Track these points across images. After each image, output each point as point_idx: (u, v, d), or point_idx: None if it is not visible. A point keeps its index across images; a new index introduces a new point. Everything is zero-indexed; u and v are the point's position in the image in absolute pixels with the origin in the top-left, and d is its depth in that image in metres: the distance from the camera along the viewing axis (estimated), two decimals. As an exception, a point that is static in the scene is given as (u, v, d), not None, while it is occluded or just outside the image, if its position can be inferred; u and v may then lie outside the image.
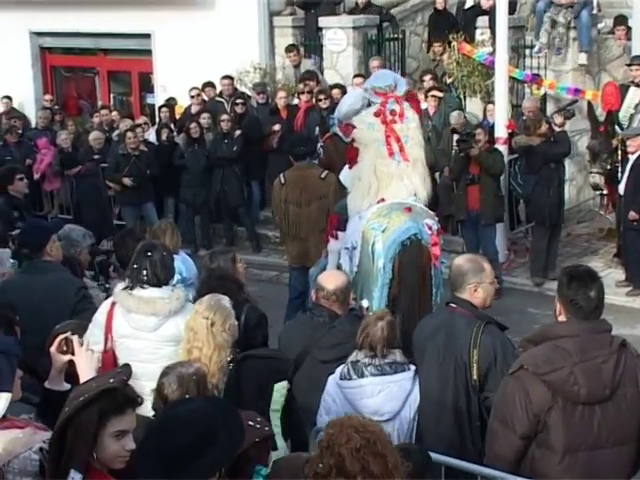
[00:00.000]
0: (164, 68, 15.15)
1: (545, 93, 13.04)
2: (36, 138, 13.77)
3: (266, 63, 14.37)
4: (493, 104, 11.82)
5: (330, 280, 5.46)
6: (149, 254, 5.19)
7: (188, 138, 12.76)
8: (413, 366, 4.90)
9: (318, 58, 14.16)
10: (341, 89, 12.30)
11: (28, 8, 15.83)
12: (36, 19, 15.92)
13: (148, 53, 15.48)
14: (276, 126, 12.65)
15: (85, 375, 3.75)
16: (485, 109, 12.60)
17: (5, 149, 13.21)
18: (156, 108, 14.77)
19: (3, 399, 3.41)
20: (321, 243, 8.06)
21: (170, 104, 14.22)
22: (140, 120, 14.04)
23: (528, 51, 13.38)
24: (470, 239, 10.81)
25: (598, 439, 3.94)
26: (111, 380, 3.25)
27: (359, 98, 7.33)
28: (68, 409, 3.19)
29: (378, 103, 7.12)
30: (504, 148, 11.03)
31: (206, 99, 13.74)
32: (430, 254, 6.64)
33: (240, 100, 13.14)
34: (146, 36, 15.21)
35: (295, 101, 13.13)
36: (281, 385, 4.53)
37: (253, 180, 13.10)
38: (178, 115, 14.04)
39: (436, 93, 12.29)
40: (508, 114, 11.72)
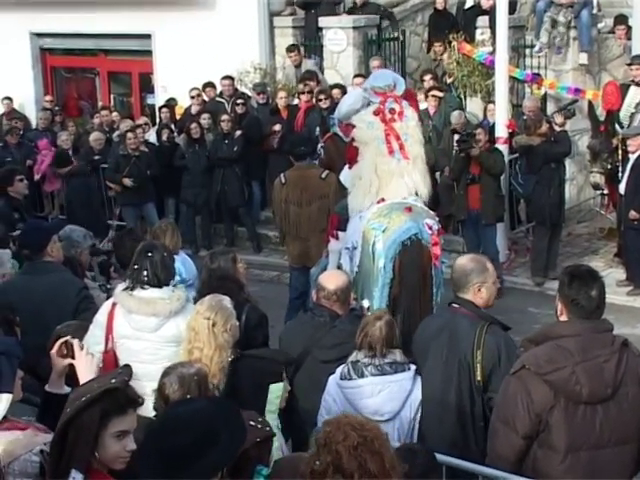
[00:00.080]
0: (164, 68, 15.14)
1: (545, 93, 13.03)
2: (37, 139, 13.79)
3: (266, 63, 14.37)
4: (493, 104, 11.81)
5: (331, 280, 5.45)
6: (150, 254, 5.18)
7: (189, 138, 12.76)
8: (413, 366, 4.89)
9: (319, 58, 14.15)
10: (341, 89, 12.29)
11: (28, 9, 15.83)
12: (36, 20, 15.92)
13: (148, 54, 15.48)
14: (276, 126, 12.64)
15: (85, 379, 3.75)
16: (485, 109, 12.58)
17: (6, 150, 13.21)
18: (156, 109, 14.76)
19: (4, 400, 3.41)
20: (322, 243, 8.06)
21: (170, 104, 14.21)
22: (140, 121, 14.04)
23: (528, 51, 13.37)
24: (471, 239, 10.80)
25: (600, 439, 3.94)
26: (112, 380, 3.25)
27: (359, 98, 7.33)
28: (69, 409, 3.19)
29: (377, 102, 7.13)
30: (504, 148, 11.02)
31: (206, 99, 13.73)
32: (430, 254, 6.64)
33: (240, 100, 13.15)
34: (146, 36, 15.21)
35: (295, 101, 13.13)
36: (277, 387, 4.51)
37: (254, 180, 13.10)
38: (178, 115, 14.04)
39: (436, 93, 12.28)
40: (508, 114, 11.70)
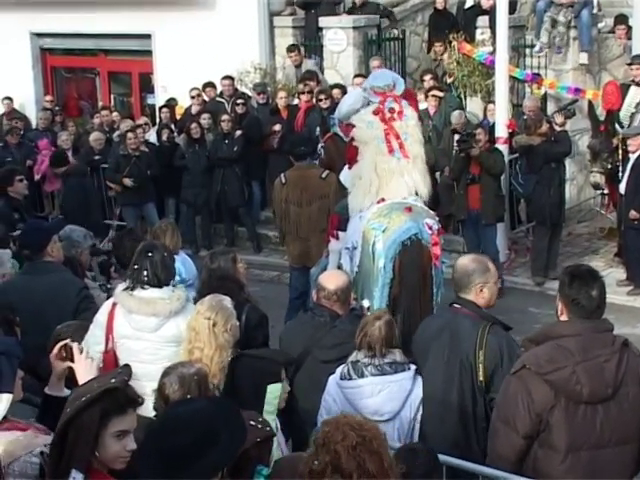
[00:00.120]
0: (164, 68, 15.14)
1: (545, 92, 13.02)
2: (37, 139, 13.77)
3: (266, 63, 14.37)
4: (493, 104, 11.80)
5: (331, 280, 5.45)
6: (150, 254, 5.17)
7: (189, 138, 12.76)
8: (413, 366, 4.88)
9: (319, 58, 14.15)
10: (341, 89, 12.28)
11: (28, 9, 15.83)
12: (36, 20, 15.92)
13: (148, 54, 15.47)
14: (276, 126, 12.64)
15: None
16: (485, 109, 12.58)
17: (6, 150, 13.19)
18: (157, 109, 14.76)
19: (4, 400, 3.41)
20: (322, 243, 8.05)
21: (171, 104, 14.21)
22: (141, 121, 14.04)
23: (528, 50, 13.38)
24: (471, 239, 10.80)
25: (600, 438, 3.94)
26: (112, 380, 3.25)
27: (359, 98, 7.33)
28: (69, 409, 3.19)
29: (377, 102, 7.13)
30: (505, 148, 11.02)
31: (207, 99, 13.73)
32: (431, 254, 6.63)
33: (240, 100, 13.14)
34: (146, 36, 15.21)
35: (295, 101, 13.13)
36: (275, 387, 4.48)
37: (254, 180, 13.10)
38: (179, 115, 14.04)
39: (436, 93, 12.28)
40: (509, 114, 11.70)
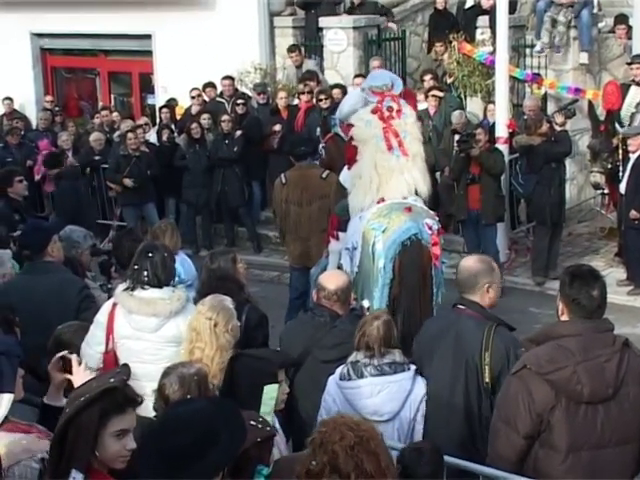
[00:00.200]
0: (165, 69, 15.14)
1: (546, 92, 13.02)
2: (37, 139, 13.78)
3: (266, 63, 14.37)
4: (494, 104, 11.81)
5: (331, 280, 5.45)
6: (150, 255, 5.17)
7: (189, 139, 12.76)
8: (413, 366, 4.87)
9: (319, 58, 14.15)
10: (342, 89, 12.28)
11: (28, 9, 15.83)
12: (37, 20, 15.92)
13: (149, 54, 15.47)
14: (277, 126, 12.64)
15: None
16: (486, 109, 12.59)
17: (6, 150, 13.20)
18: (157, 109, 14.76)
19: (5, 400, 3.41)
20: (322, 243, 8.06)
21: (171, 105, 14.22)
22: (141, 121, 14.04)
23: (528, 50, 13.38)
24: (471, 239, 10.80)
25: (601, 438, 3.93)
26: (111, 380, 3.25)
27: (360, 98, 7.34)
28: (69, 409, 3.19)
29: (375, 102, 7.13)
30: (505, 148, 11.02)
31: (207, 100, 13.73)
32: (430, 254, 6.63)
33: (241, 100, 13.15)
34: (147, 37, 15.21)
35: (295, 101, 13.13)
36: (271, 388, 4.47)
37: (254, 180, 13.10)
38: (179, 116, 14.04)
39: (437, 93, 12.28)
40: (509, 114, 11.70)
